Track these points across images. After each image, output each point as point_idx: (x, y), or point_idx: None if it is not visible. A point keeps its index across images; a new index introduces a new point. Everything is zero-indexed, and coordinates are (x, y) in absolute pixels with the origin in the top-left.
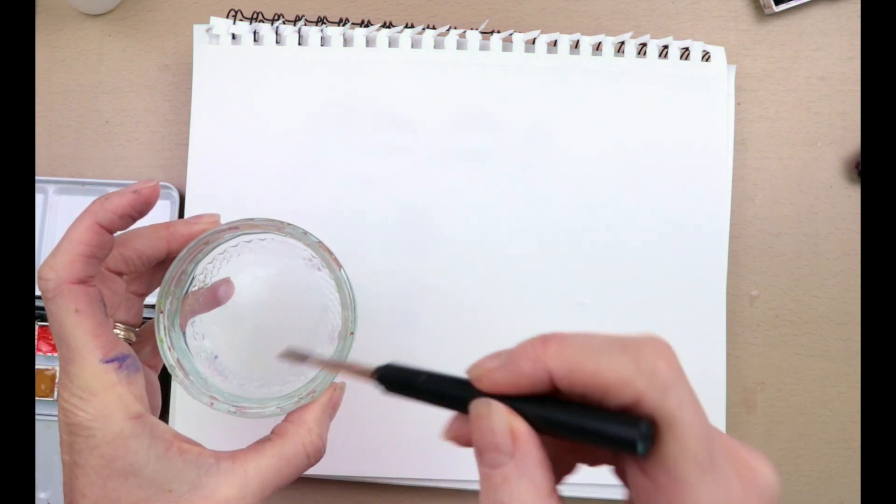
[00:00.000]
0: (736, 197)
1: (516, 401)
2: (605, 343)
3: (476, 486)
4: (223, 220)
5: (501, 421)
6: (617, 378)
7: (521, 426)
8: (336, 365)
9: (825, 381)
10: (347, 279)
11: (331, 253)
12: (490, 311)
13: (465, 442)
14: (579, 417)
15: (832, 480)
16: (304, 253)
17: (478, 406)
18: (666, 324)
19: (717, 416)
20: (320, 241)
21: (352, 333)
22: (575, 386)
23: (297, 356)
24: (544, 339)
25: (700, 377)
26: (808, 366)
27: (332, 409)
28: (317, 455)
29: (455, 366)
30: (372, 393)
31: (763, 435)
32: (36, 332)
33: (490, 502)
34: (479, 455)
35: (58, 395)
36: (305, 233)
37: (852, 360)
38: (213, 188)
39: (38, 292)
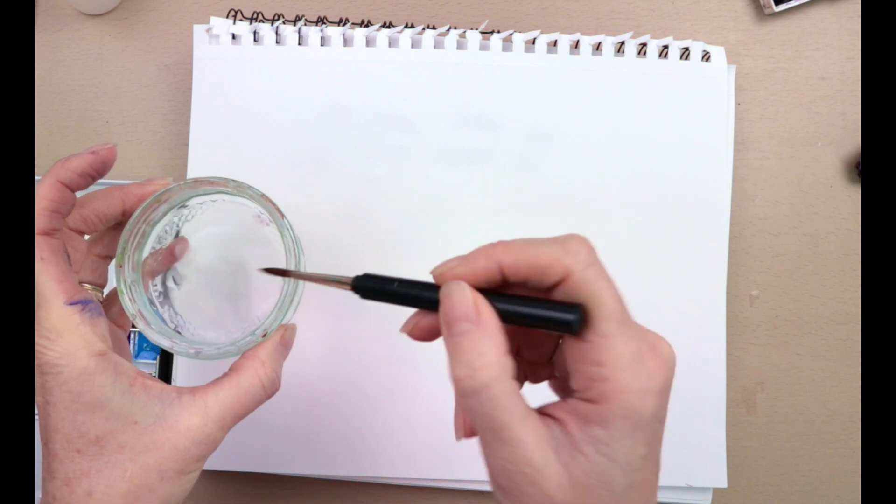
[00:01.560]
0: (736, 197)
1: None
2: (540, 239)
3: (475, 487)
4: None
5: (467, 296)
6: (550, 258)
7: (482, 300)
8: (315, 277)
9: (825, 381)
10: (289, 226)
11: (273, 203)
12: None
13: (420, 335)
14: (528, 306)
15: (832, 480)
16: (254, 210)
17: (449, 286)
18: (666, 324)
19: (717, 415)
20: (263, 194)
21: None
22: (520, 271)
23: (278, 271)
24: (494, 243)
25: (700, 377)
26: (808, 366)
27: (285, 346)
28: (272, 387)
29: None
30: (371, 393)
31: (763, 435)
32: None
33: (459, 366)
34: (448, 328)
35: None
36: (249, 187)
37: (852, 360)
38: None
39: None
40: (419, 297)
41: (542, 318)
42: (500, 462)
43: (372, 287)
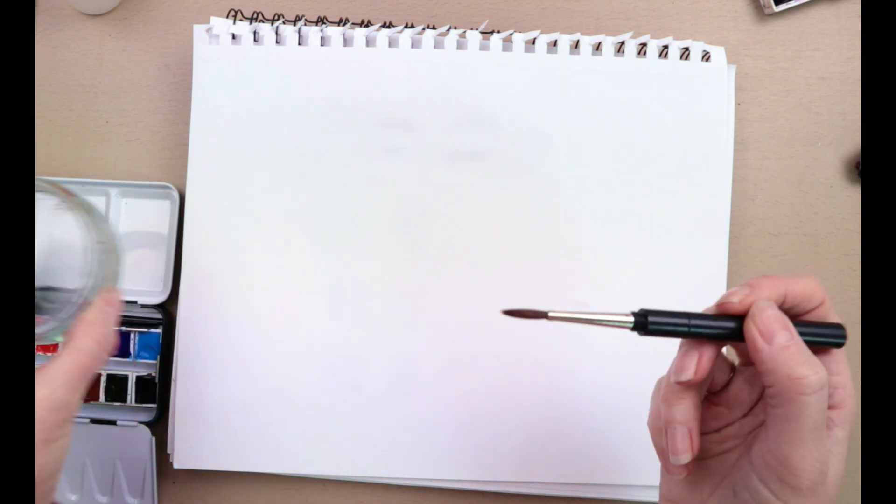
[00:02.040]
0: (736, 197)
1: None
2: (789, 274)
3: (475, 487)
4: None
5: (779, 312)
6: (814, 288)
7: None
8: (585, 319)
9: None
10: (83, 203)
11: (55, 184)
12: (490, 311)
13: (703, 374)
14: (806, 326)
15: None
16: (51, 201)
17: (761, 304)
18: None
19: None
20: (47, 180)
21: (100, 242)
22: (795, 298)
23: (531, 313)
24: (760, 277)
25: None
26: None
27: (110, 305)
28: (106, 342)
29: (455, 365)
30: (371, 393)
31: None
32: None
33: (800, 366)
34: (770, 339)
35: None
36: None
37: (852, 359)
38: (213, 188)
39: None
40: (716, 327)
41: (825, 335)
42: (823, 453)
43: (659, 323)
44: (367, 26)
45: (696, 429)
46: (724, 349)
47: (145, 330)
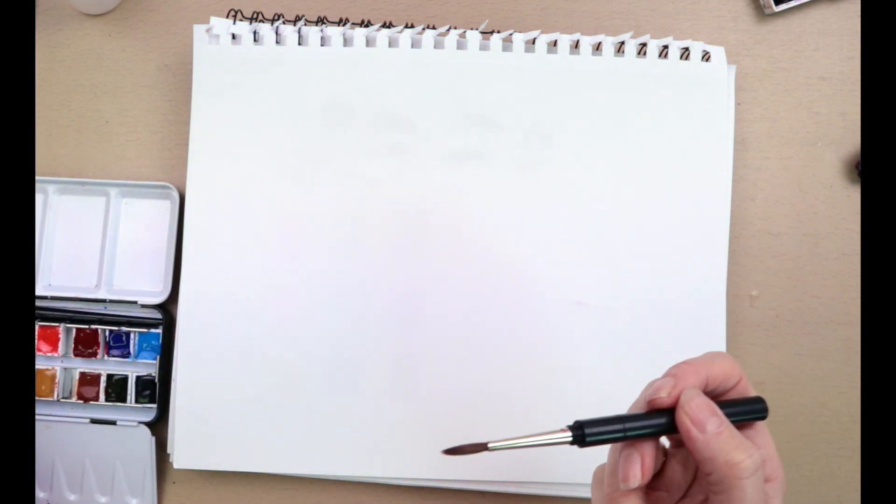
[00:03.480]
0: (736, 197)
1: None
2: (704, 356)
3: (475, 487)
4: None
5: (707, 399)
6: (731, 368)
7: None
8: (520, 445)
9: (825, 381)
10: None
11: None
12: (489, 311)
13: (649, 473)
14: (731, 406)
15: (832, 480)
16: None
17: (689, 392)
18: (666, 324)
19: None
20: None
21: None
22: (715, 381)
23: (472, 447)
24: (678, 364)
25: None
26: (808, 366)
27: None
28: None
29: (455, 365)
30: (371, 393)
31: None
32: (36, 332)
33: (736, 451)
34: (701, 427)
35: None
36: None
37: (852, 360)
38: (213, 188)
39: (38, 292)
40: (650, 426)
41: (749, 411)
42: None
43: (596, 433)
44: (367, 26)
45: None
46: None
47: (145, 330)
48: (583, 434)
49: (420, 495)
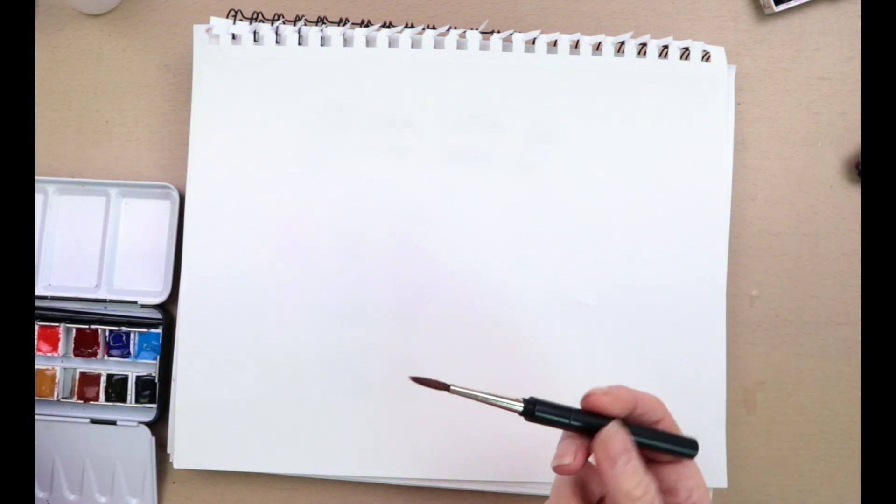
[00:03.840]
0: (736, 197)
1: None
2: (643, 393)
3: (475, 487)
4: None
5: (626, 437)
6: (655, 403)
7: (631, 440)
8: (478, 397)
9: (825, 381)
10: None
11: None
12: (490, 311)
13: (580, 464)
14: (659, 439)
15: (832, 480)
16: None
17: (612, 427)
18: (666, 324)
19: (717, 416)
20: None
21: None
22: (640, 408)
23: (435, 383)
24: (624, 389)
25: (700, 377)
26: (808, 366)
27: None
28: None
29: (455, 366)
30: (371, 393)
31: (763, 435)
32: (36, 332)
33: (635, 486)
34: (613, 462)
35: None
36: None
37: (852, 360)
38: (213, 188)
39: (38, 292)
40: (591, 425)
41: (682, 446)
42: None
43: (544, 412)
44: (367, 26)
45: None
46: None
47: (145, 330)
48: (533, 409)
49: (420, 495)
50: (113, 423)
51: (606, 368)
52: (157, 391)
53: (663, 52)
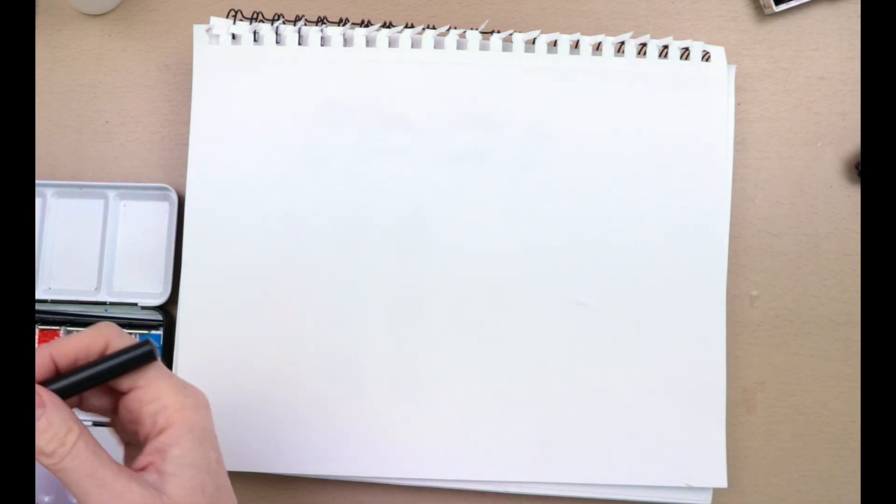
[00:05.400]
0: (736, 197)
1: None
2: (81, 331)
3: (475, 487)
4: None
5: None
6: (90, 338)
7: (40, 388)
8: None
9: (825, 381)
10: None
11: None
12: (490, 311)
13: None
14: (99, 365)
15: (832, 480)
16: None
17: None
18: (666, 324)
19: (717, 416)
20: None
21: None
22: (69, 357)
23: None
24: (43, 346)
25: (700, 377)
26: (808, 366)
27: None
28: None
29: (455, 365)
30: (371, 393)
31: (763, 435)
32: (36, 336)
33: (38, 443)
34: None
35: None
36: None
37: (852, 360)
38: (213, 188)
39: (38, 296)
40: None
41: (122, 363)
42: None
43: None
44: (367, 26)
45: None
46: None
47: (146, 332)
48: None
49: (420, 495)
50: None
51: (606, 368)
52: None
53: (663, 52)
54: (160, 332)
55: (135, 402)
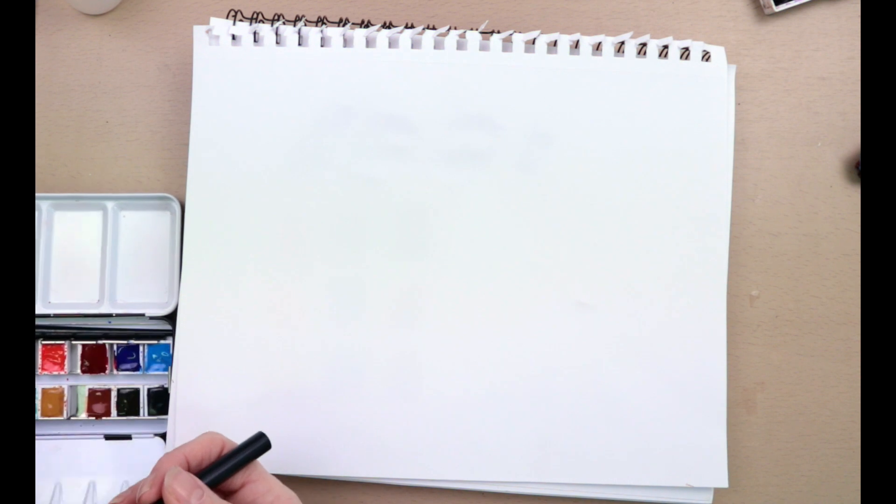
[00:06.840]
0: (736, 197)
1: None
2: (190, 442)
3: (475, 487)
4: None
5: (187, 475)
6: (210, 441)
7: (197, 479)
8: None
9: (825, 381)
10: None
11: None
12: (490, 311)
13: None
14: (223, 463)
15: (832, 480)
16: None
17: (172, 472)
18: (666, 324)
19: (717, 416)
20: None
21: None
22: (198, 457)
23: None
24: (165, 455)
25: (700, 377)
26: (808, 366)
27: None
28: None
29: (455, 365)
30: (371, 393)
31: (763, 435)
32: (40, 352)
33: None
34: (186, 501)
35: None
36: None
37: (852, 360)
38: (213, 188)
39: (38, 310)
40: None
41: (249, 454)
42: None
43: None
44: (367, 26)
45: None
46: None
47: (154, 342)
48: None
49: (420, 495)
50: (128, 437)
51: (606, 368)
52: (169, 402)
53: (663, 52)
54: (169, 341)
55: (249, 495)
